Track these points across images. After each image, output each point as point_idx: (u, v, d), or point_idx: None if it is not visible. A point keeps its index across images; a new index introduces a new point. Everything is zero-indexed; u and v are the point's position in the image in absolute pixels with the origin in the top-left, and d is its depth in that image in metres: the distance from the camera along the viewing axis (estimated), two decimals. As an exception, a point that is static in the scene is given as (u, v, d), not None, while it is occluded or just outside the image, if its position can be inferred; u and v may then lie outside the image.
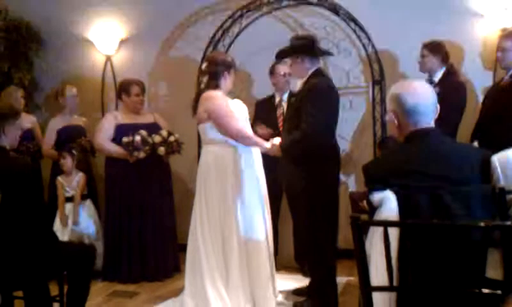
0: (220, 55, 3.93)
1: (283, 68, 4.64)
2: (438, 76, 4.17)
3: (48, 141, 5.01)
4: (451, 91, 3.99)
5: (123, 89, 4.78)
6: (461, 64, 4.66)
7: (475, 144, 3.87)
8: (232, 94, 3.97)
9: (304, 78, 3.60)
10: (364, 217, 1.98)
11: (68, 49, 5.86)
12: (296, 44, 3.67)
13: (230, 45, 5.15)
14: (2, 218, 2.72)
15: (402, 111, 2.16)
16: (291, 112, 3.70)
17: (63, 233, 4.48)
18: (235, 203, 3.62)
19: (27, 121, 4.96)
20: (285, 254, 4.64)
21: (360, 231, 1.81)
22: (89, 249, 3.33)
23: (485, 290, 1.76)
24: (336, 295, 3.67)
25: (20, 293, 3.01)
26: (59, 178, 4.73)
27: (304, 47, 3.61)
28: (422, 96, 2.16)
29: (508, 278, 1.80)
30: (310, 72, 3.59)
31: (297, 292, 4.03)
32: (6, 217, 2.71)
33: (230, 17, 5.11)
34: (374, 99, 4.90)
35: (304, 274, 4.27)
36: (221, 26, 5.12)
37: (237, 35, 5.15)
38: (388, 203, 1.99)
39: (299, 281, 4.22)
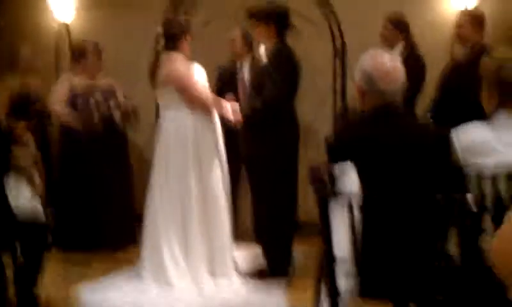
0: (176, 18, 3.86)
1: (232, 34, 4.61)
2: (398, 49, 4.22)
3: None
4: (411, 65, 4.01)
5: (79, 51, 4.63)
6: (422, 41, 4.72)
7: (429, 116, 3.96)
8: (191, 60, 3.89)
9: (268, 46, 3.59)
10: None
11: (24, 9, 5.59)
12: (270, 10, 3.65)
13: (191, 8, 5.02)
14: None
15: (371, 90, 2.15)
16: (253, 80, 3.70)
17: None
18: (194, 172, 3.59)
19: None
20: (244, 228, 4.65)
21: (325, 206, 1.82)
22: (43, 221, 3.25)
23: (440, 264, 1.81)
24: (290, 264, 3.72)
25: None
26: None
27: (278, 16, 3.61)
28: (393, 80, 2.14)
29: (464, 252, 1.85)
30: (274, 41, 3.59)
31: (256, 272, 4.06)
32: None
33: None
34: (335, 71, 4.91)
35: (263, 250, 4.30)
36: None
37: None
38: (349, 176, 2.01)
39: (257, 255, 4.24)
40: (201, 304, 3.45)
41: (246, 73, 4.62)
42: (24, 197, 4.35)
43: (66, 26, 5.54)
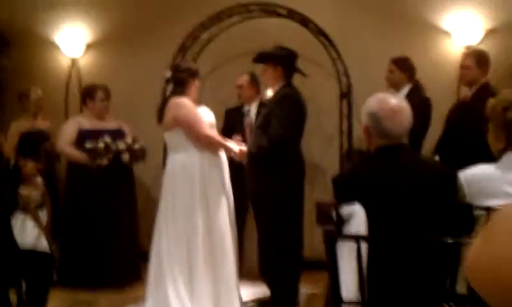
0: (185, 63, 3.94)
1: (239, 79, 4.66)
2: (404, 91, 4.25)
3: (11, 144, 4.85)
4: (417, 107, 4.05)
5: (88, 93, 4.72)
6: (426, 80, 4.76)
7: (437, 157, 3.95)
8: (199, 103, 3.95)
9: (275, 89, 3.64)
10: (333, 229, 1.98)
11: (33, 51, 5.71)
12: (278, 53, 3.72)
13: (199, 53, 5.12)
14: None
15: (377, 131, 2.15)
16: (260, 121, 3.73)
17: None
18: (201, 211, 3.59)
19: None
20: (250, 266, 4.61)
21: (332, 245, 1.81)
22: (48, 258, 3.24)
23: (451, 304, 1.79)
24: (297, 303, 3.68)
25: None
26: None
27: (285, 59, 3.68)
28: (398, 120, 2.13)
29: (471, 291, 1.83)
30: (282, 84, 3.65)
31: (261, 303, 4.02)
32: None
33: (200, 25, 5.08)
34: (341, 112, 4.94)
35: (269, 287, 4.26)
36: (191, 34, 5.09)
37: (207, 43, 5.13)
38: (357, 217, 2.00)
39: (263, 292, 4.20)
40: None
41: (253, 116, 4.68)
42: (30, 235, 4.36)
43: (75, 62, 5.62)
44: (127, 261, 4.58)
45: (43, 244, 4.42)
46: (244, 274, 4.17)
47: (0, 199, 2.92)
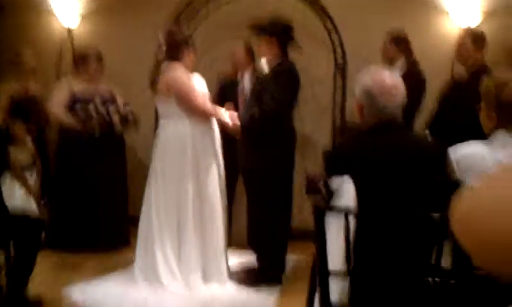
0: (178, 28, 3.89)
1: (233, 47, 4.65)
2: (398, 65, 4.23)
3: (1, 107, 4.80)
4: (411, 83, 4.05)
5: (80, 57, 4.67)
6: (422, 58, 4.75)
7: (427, 132, 3.98)
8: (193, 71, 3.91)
9: (271, 61, 3.62)
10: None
11: (28, 16, 5.60)
12: (273, 25, 3.68)
13: (196, 26, 5.05)
14: None
15: (371, 107, 2.15)
16: (254, 93, 3.71)
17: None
18: (192, 179, 3.60)
19: None
20: (238, 235, 4.65)
21: (321, 218, 1.82)
22: (37, 220, 3.24)
23: (435, 279, 1.81)
24: (283, 272, 3.73)
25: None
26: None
27: (281, 31, 3.64)
28: (392, 95, 2.13)
29: (456, 267, 1.86)
30: (277, 56, 3.63)
31: (248, 271, 4.06)
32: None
33: None
34: (335, 84, 4.93)
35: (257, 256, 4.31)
36: (188, 5, 5.01)
37: (205, 17, 5.06)
38: (346, 189, 2.01)
39: (250, 261, 4.24)
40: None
41: (246, 84, 4.64)
42: (18, 197, 4.36)
43: (70, 31, 5.55)
44: (116, 225, 4.61)
45: (32, 207, 4.44)
46: (232, 242, 4.21)
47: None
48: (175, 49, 3.65)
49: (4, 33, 5.56)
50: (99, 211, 4.53)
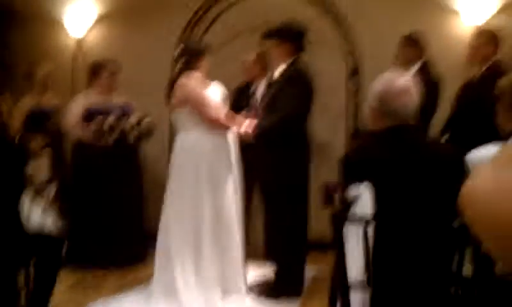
0: (194, 41, 3.90)
1: (246, 57, 4.65)
2: (414, 69, 4.19)
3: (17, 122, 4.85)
4: (426, 87, 4.01)
5: (95, 69, 4.67)
6: (436, 60, 4.71)
7: (445, 138, 3.92)
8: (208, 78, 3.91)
9: (284, 65, 3.60)
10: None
11: (39, 28, 5.67)
12: (286, 29, 3.66)
13: (206, 30, 5.07)
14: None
15: (384, 110, 2.12)
16: (267, 100, 3.69)
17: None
18: (208, 193, 3.58)
19: None
20: (256, 246, 4.62)
21: (340, 229, 1.80)
22: (57, 239, 3.24)
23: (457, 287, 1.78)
24: (303, 284, 3.68)
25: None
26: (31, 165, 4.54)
27: (293, 35, 3.62)
28: (406, 101, 2.11)
29: (477, 275, 1.82)
30: (290, 60, 3.60)
31: (267, 285, 4.02)
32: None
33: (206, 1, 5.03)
34: (348, 90, 4.90)
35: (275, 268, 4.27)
36: (198, 10, 5.04)
37: (214, 21, 5.08)
38: (364, 199, 1.99)
39: (269, 273, 4.20)
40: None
41: (260, 93, 4.64)
42: (37, 214, 4.39)
43: (80, 42, 5.60)
44: (132, 242, 4.57)
45: (52, 225, 4.45)
46: (249, 254, 4.18)
47: (6, 179, 2.90)
48: (191, 59, 3.65)
49: (17, 46, 5.63)
50: (115, 228, 4.51)
